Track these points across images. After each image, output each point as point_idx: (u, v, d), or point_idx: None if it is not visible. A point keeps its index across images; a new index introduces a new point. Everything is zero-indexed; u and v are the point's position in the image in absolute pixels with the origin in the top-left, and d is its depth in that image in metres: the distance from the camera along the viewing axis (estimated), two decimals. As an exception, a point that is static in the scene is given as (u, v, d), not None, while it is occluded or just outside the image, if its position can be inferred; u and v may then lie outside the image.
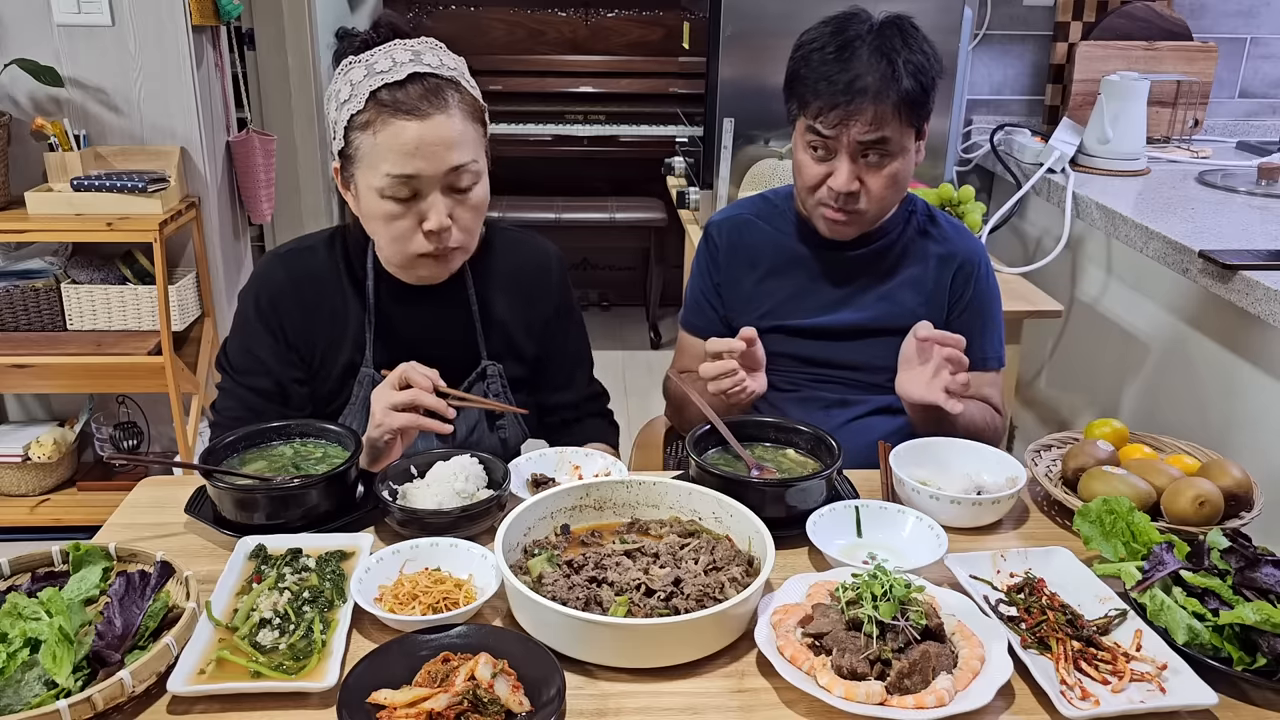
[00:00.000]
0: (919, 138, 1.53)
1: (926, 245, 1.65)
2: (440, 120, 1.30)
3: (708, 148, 2.72)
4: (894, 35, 1.47)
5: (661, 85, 4.34)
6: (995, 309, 1.68)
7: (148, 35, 2.61)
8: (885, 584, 1.02)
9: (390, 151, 1.30)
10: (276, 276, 1.47)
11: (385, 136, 1.30)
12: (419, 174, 1.31)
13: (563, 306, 1.61)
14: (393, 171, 1.30)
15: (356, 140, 1.33)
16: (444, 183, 1.33)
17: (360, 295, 1.48)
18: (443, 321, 1.50)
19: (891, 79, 1.44)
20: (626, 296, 4.82)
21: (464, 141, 1.33)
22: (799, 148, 1.55)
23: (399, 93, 1.30)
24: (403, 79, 1.30)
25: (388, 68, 1.31)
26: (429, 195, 1.33)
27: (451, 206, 1.35)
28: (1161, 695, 0.96)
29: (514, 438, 1.56)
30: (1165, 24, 3.09)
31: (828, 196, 1.53)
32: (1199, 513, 1.21)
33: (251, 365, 1.47)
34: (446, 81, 1.33)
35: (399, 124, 1.29)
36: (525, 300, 1.56)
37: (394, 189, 1.31)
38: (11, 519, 2.80)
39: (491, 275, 1.54)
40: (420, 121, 1.29)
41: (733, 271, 1.69)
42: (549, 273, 1.59)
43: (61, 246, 2.75)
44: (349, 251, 1.49)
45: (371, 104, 1.30)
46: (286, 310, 1.46)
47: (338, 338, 1.48)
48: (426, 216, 1.33)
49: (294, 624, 1.05)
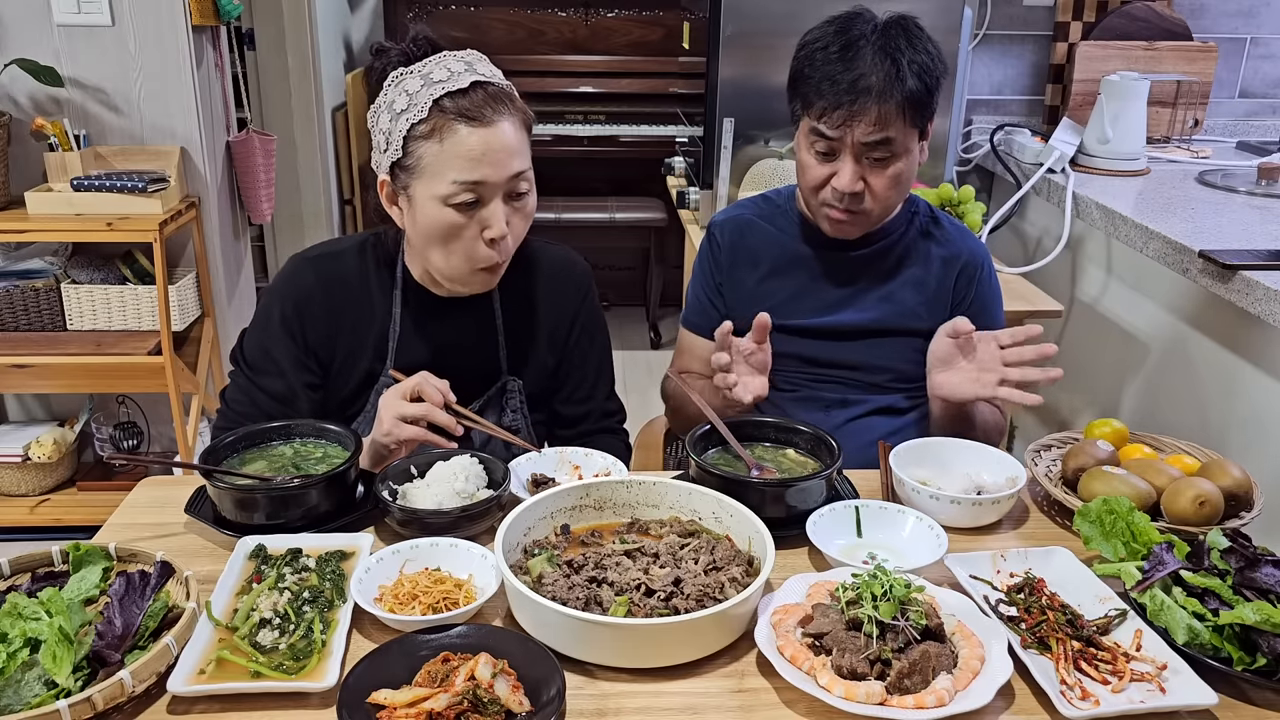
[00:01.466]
0: (922, 138, 1.53)
1: (929, 246, 1.65)
2: (505, 127, 1.31)
3: (708, 148, 2.72)
4: (898, 35, 1.47)
5: (661, 85, 4.34)
6: (998, 310, 1.68)
7: (148, 35, 2.61)
8: (885, 584, 1.02)
9: (457, 158, 1.30)
10: (305, 281, 1.47)
11: (452, 144, 1.29)
12: (485, 180, 1.31)
13: (588, 321, 1.59)
14: (460, 178, 1.30)
15: (418, 150, 1.32)
16: (506, 189, 1.34)
17: (387, 304, 1.48)
18: (466, 334, 1.50)
19: (896, 79, 1.44)
20: (626, 296, 4.82)
21: (522, 149, 1.35)
22: (802, 148, 1.55)
23: (463, 100, 1.30)
24: (466, 87, 1.30)
25: (445, 76, 1.31)
26: (490, 203, 1.33)
27: (509, 214, 1.35)
28: (1161, 695, 0.96)
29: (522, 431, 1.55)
30: (1165, 24, 3.09)
31: (831, 197, 1.53)
32: (1199, 513, 1.21)
33: (267, 366, 1.47)
34: (503, 90, 1.35)
35: (466, 130, 1.29)
36: (550, 312, 1.55)
37: (460, 196, 1.31)
38: (11, 519, 2.80)
39: (518, 287, 1.53)
40: (486, 128, 1.30)
41: (735, 271, 1.69)
42: (576, 287, 1.58)
43: (61, 246, 2.75)
44: (379, 260, 1.49)
45: (435, 112, 1.30)
46: (311, 316, 1.46)
47: (359, 345, 1.48)
48: (489, 224, 1.34)
49: (294, 624, 1.05)
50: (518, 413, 1.54)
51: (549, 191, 4.49)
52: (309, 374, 1.48)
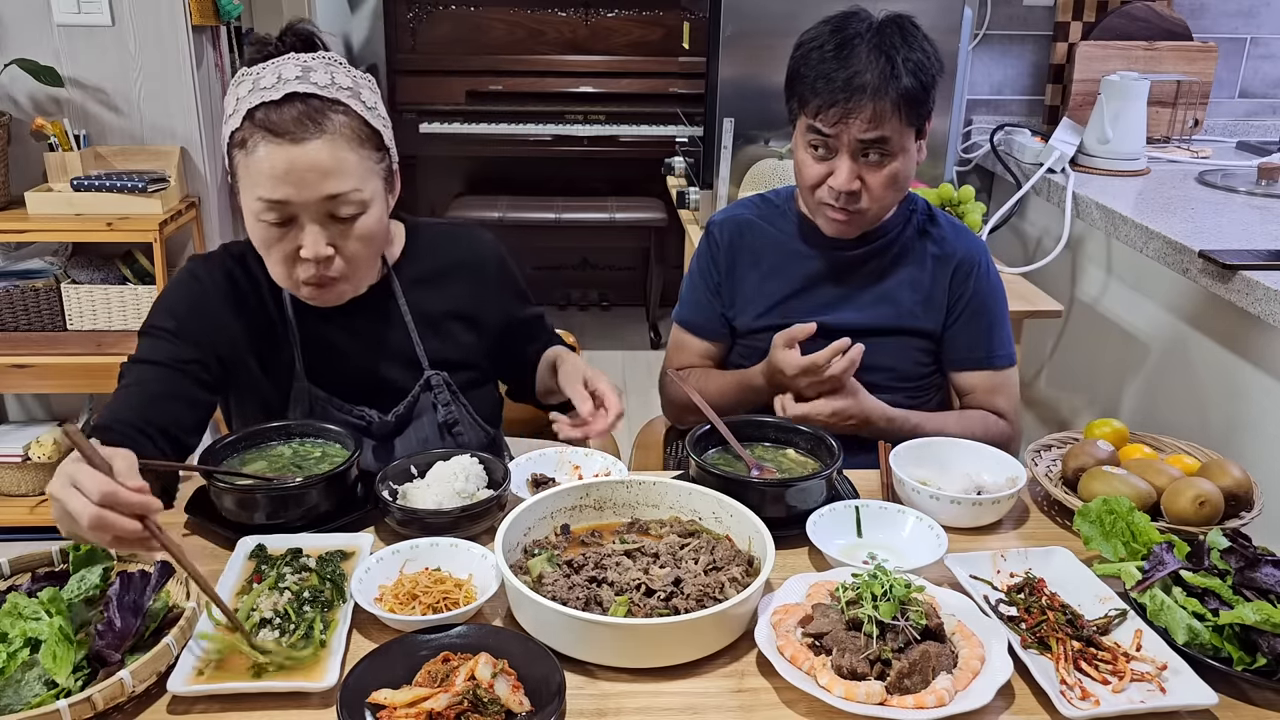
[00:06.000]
0: (920, 136, 1.53)
1: (925, 245, 1.65)
2: (315, 146, 1.23)
3: (708, 148, 2.72)
4: (894, 33, 1.48)
5: (661, 85, 4.33)
6: (999, 307, 1.67)
7: (148, 35, 2.61)
8: (885, 584, 1.02)
9: (260, 175, 1.23)
10: (199, 279, 1.41)
11: (255, 159, 1.24)
12: (289, 200, 1.24)
13: (507, 287, 1.57)
14: (263, 196, 1.24)
15: (234, 158, 1.27)
16: (320, 210, 1.26)
17: (280, 307, 1.42)
18: (376, 333, 1.46)
19: (891, 76, 1.44)
20: (626, 296, 4.82)
21: (342, 170, 1.25)
22: (800, 147, 1.55)
23: (274, 113, 1.23)
24: (279, 99, 1.23)
25: (270, 84, 1.25)
26: (305, 223, 1.26)
27: (334, 236, 1.28)
28: (1161, 695, 0.96)
29: (474, 441, 1.51)
30: (1165, 24, 3.09)
31: (828, 196, 1.53)
32: (1199, 513, 1.21)
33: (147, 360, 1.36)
34: (330, 103, 1.25)
35: (269, 147, 1.23)
36: (462, 293, 1.52)
37: (266, 214, 1.25)
38: (11, 519, 2.80)
39: (421, 277, 1.49)
40: (292, 146, 1.22)
41: (734, 270, 1.69)
42: (483, 260, 1.55)
43: (61, 246, 2.75)
44: (256, 268, 1.41)
45: (247, 123, 1.24)
46: (205, 313, 1.39)
47: (267, 350, 1.42)
48: (301, 244, 1.27)
49: (294, 624, 1.05)
50: (450, 406, 1.49)
51: (549, 191, 4.51)
52: (192, 365, 1.37)
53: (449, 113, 4.30)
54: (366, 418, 1.44)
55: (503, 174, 4.60)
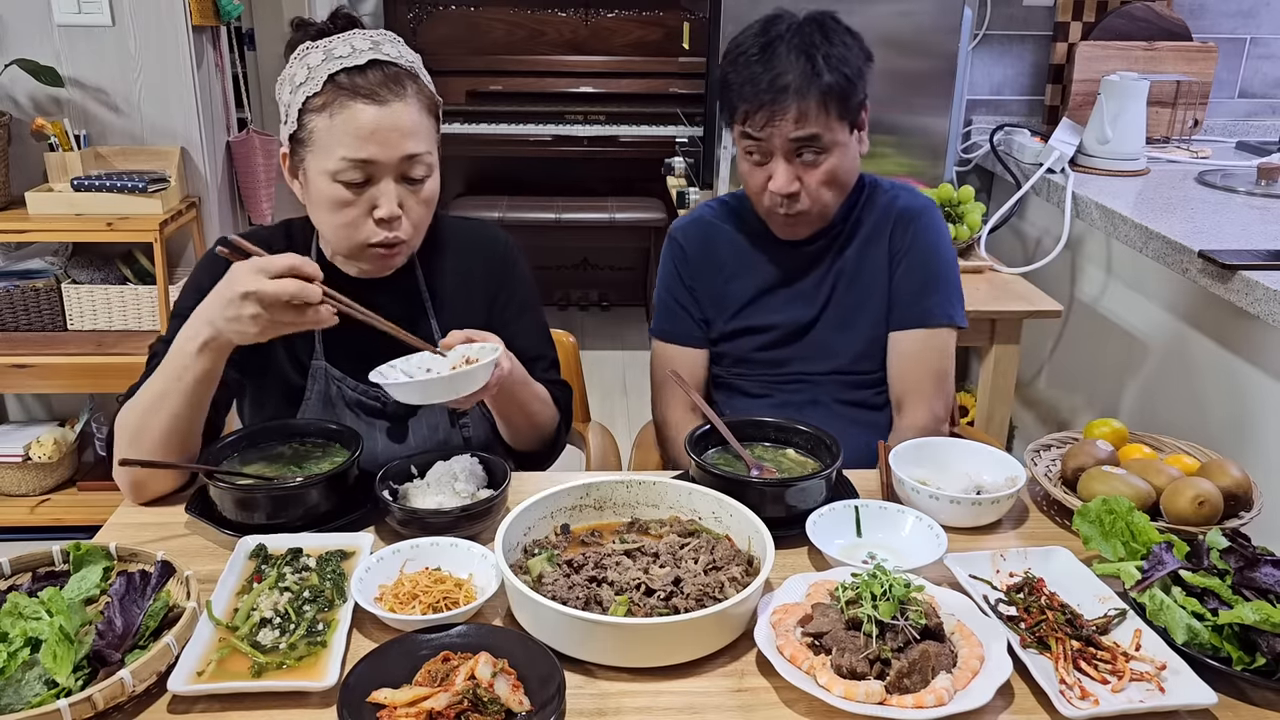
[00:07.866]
0: (856, 129, 1.53)
1: (872, 216, 1.64)
2: (398, 108, 1.30)
3: (708, 148, 2.72)
4: (813, 31, 1.48)
5: (661, 85, 4.34)
6: (940, 264, 1.63)
7: (148, 35, 2.61)
8: (885, 584, 1.02)
9: (346, 135, 1.29)
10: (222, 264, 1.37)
11: (342, 120, 1.29)
12: (374, 159, 1.30)
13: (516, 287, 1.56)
14: (348, 155, 1.29)
15: (311, 123, 1.31)
16: (398, 171, 1.32)
17: None
18: (394, 316, 1.44)
19: (812, 74, 1.45)
20: (626, 296, 4.82)
21: (420, 132, 1.33)
22: (740, 155, 1.56)
23: (358, 77, 1.29)
24: (363, 64, 1.30)
25: (347, 53, 1.30)
26: (381, 182, 1.32)
27: (403, 196, 1.34)
28: (1161, 695, 0.96)
29: (479, 436, 1.52)
30: (1165, 24, 3.09)
31: (770, 201, 1.54)
32: (1198, 513, 1.21)
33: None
34: (405, 72, 1.33)
35: (357, 107, 1.28)
36: (478, 283, 1.54)
37: (348, 173, 1.30)
38: (11, 519, 2.80)
39: (442, 265, 1.52)
40: (378, 107, 1.29)
41: (702, 274, 1.69)
42: (500, 256, 1.56)
43: (62, 246, 2.75)
44: (298, 243, 1.47)
45: (329, 87, 1.29)
46: None
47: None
48: (378, 203, 1.32)
49: (294, 623, 1.05)
50: None
51: (549, 191, 4.51)
52: None
53: (449, 113, 4.29)
54: (381, 399, 1.46)
55: (503, 174, 4.60)
